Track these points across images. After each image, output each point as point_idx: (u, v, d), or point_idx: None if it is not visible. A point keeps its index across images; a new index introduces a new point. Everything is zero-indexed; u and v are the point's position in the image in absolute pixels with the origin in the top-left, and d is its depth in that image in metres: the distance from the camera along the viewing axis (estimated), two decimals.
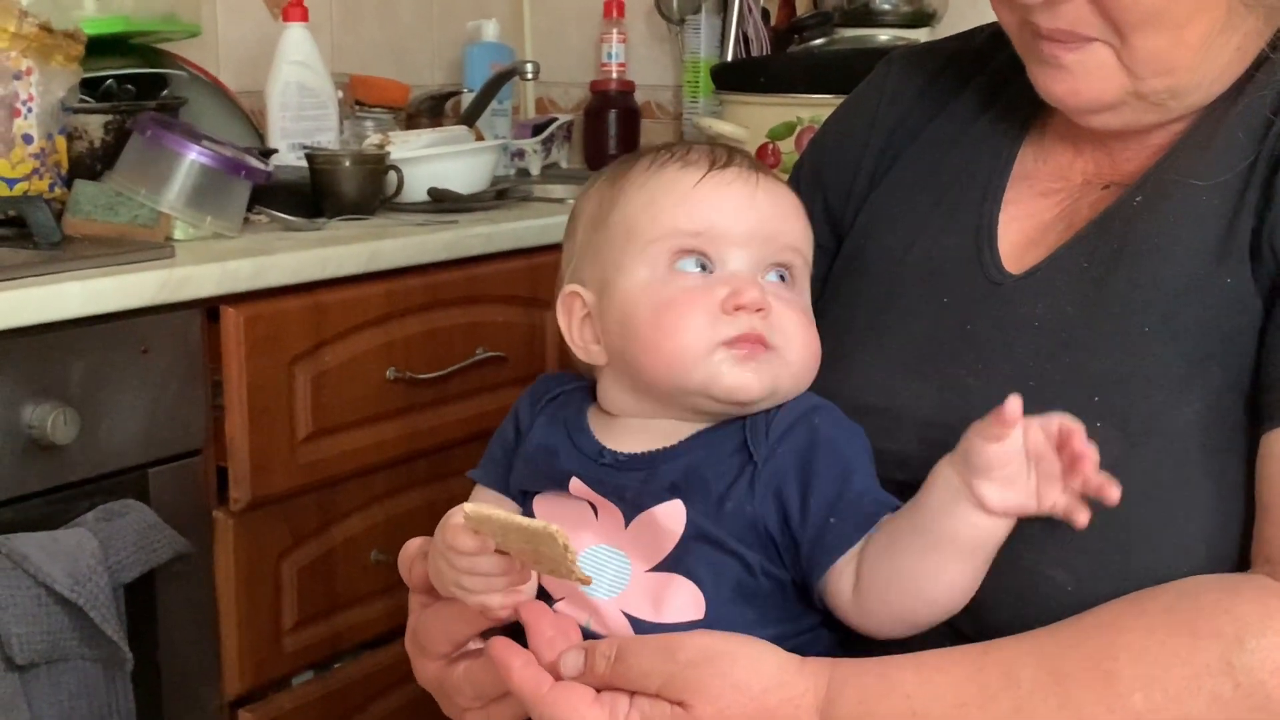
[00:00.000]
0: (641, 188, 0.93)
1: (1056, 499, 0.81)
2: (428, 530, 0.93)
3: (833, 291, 1.09)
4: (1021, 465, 0.81)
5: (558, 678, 0.85)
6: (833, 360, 1.02)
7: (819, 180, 1.13)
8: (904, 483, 0.92)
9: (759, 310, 0.89)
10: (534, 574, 0.86)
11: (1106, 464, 0.86)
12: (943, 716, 0.81)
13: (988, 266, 0.99)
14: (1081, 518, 0.81)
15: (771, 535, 0.87)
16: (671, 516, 0.88)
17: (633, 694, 0.84)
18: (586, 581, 0.81)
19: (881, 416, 0.96)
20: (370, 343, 1.75)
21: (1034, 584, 0.87)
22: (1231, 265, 0.89)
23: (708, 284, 0.89)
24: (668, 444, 0.91)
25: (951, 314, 0.98)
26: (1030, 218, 1.01)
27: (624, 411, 0.94)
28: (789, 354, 0.90)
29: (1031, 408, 0.89)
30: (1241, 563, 0.85)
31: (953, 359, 0.96)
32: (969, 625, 0.87)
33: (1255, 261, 0.88)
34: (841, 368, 1.00)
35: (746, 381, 0.88)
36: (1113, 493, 0.79)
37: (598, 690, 0.85)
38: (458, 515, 0.84)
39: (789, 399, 0.91)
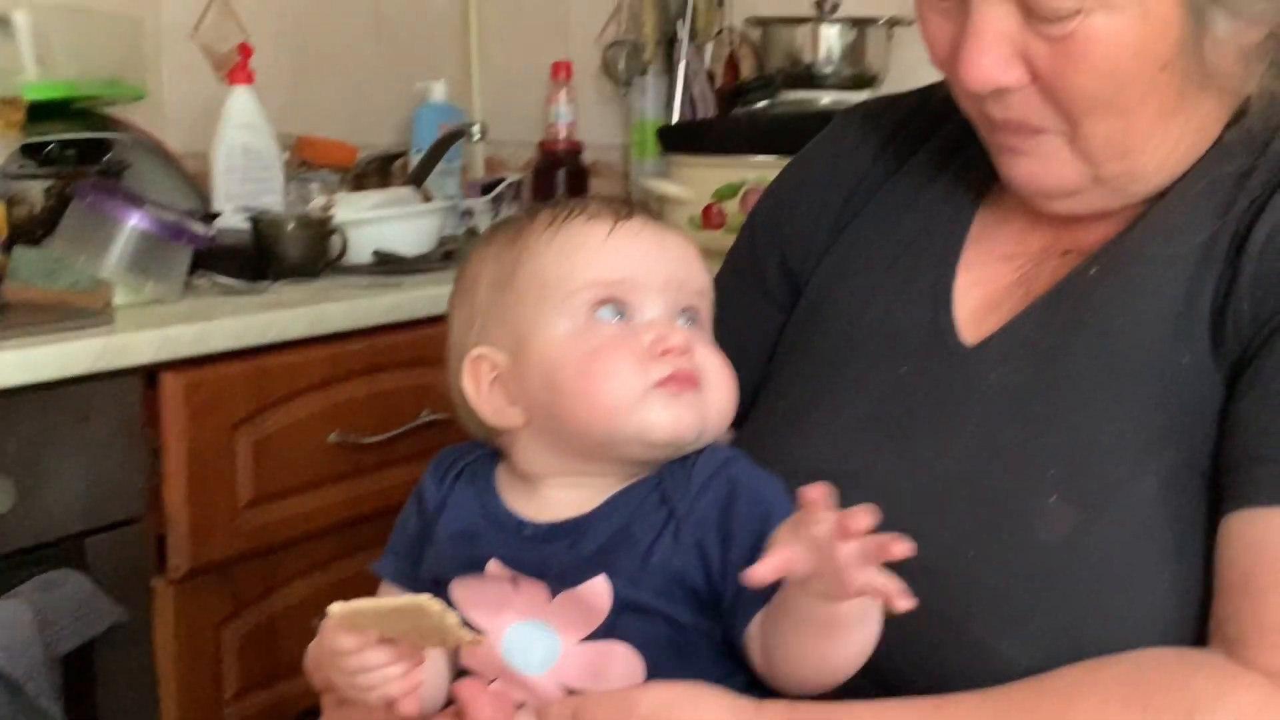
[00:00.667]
0: (550, 243, 0.92)
1: (864, 585, 0.76)
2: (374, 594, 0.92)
3: (788, 347, 1.08)
4: (828, 554, 0.76)
5: None
6: (786, 422, 1.01)
7: (777, 234, 1.11)
8: None
9: (685, 353, 0.89)
10: (437, 655, 0.85)
11: (1062, 537, 0.86)
12: None
13: (944, 333, 0.98)
14: (901, 604, 0.75)
15: (696, 589, 0.87)
16: (597, 594, 0.87)
17: None
18: (478, 643, 0.80)
19: (836, 483, 0.94)
20: (314, 407, 1.74)
21: (984, 658, 0.86)
22: (1190, 343, 0.88)
23: (631, 330, 0.90)
24: (587, 508, 0.90)
25: (907, 380, 0.98)
26: (989, 282, 1.00)
27: (545, 472, 0.92)
28: (713, 393, 0.90)
29: (988, 479, 0.89)
30: (1196, 641, 0.84)
31: (906, 428, 0.95)
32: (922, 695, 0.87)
33: (1216, 341, 0.88)
34: (796, 429, 1.00)
35: (681, 421, 0.88)
36: (901, 604, 0.75)
37: None
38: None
39: (713, 440, 0.91)
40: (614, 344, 0.89)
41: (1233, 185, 0.91)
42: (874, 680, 0.91)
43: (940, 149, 1.07)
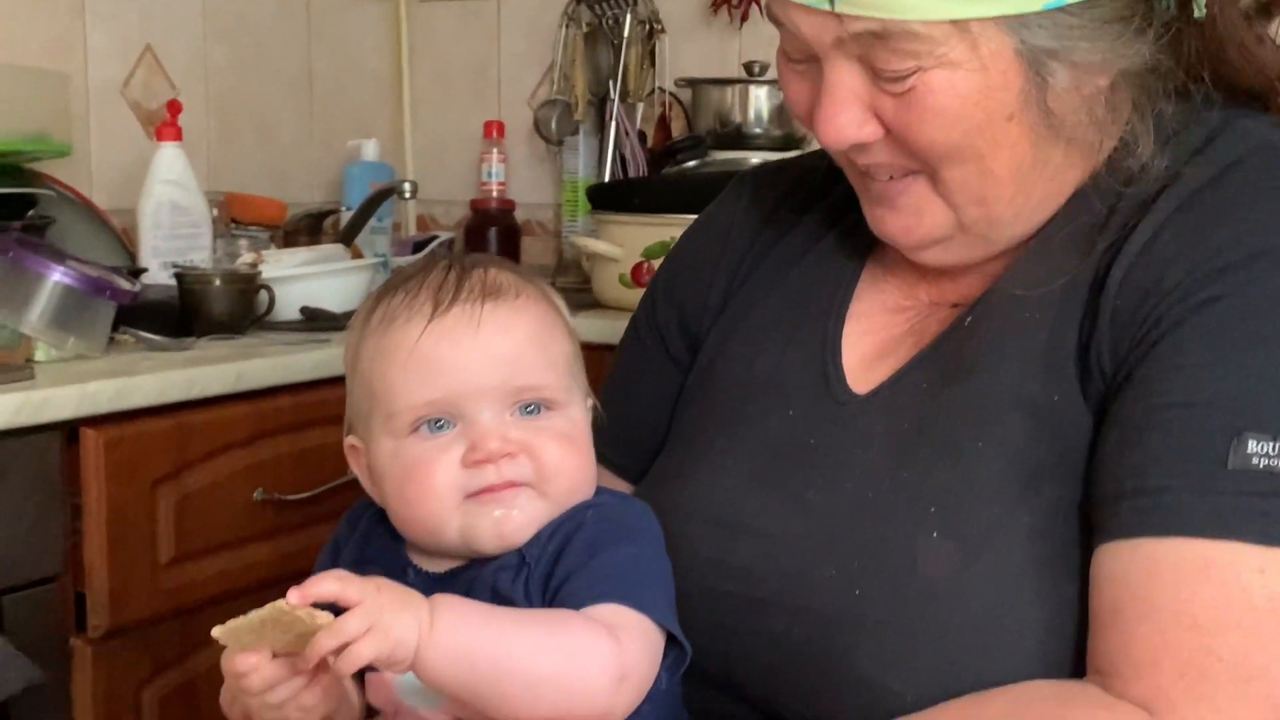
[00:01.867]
0: (374, 349, 0.94)
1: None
2: None
3: (685, 404, 1.10)
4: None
5: None
6: (680, 470, 1.04)
7: (674, 296, 1.15)
8: (744, 595, 0.94)
9: (504, 457, 0.90)
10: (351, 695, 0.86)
11: (944, 574, 0.88)
12: None
13: (832, 382, 1.01)
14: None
15: None
16: None
17: None
18: (331, 622, 0.80)
19: (726, 528, 0.97)
20: (237, 464, 1.73)
21: (873, 694, 0.88)
22: (1059, 382, 0.91)
23: (447, 443, 0.91)
24: (459, 563, 0.94)
25: (796, 429, 1.00)
26: (879, 331, 1.03)
27: (414, 542, 0.96)
28: (549, 486, 0.92)
29: (872, 521, 0.92)
30: (1074, 673, 0.87)
31: (795, 473, 0.98)
32: None
33: (1084, 378, 0.91)
34: (688, 478, 1.02)
35: (505, 524, 0.91)
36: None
37: None
38: None
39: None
40: (426, 461, 0.91)
41: (1092, 231, 0.94)
42: (763, 713, 0.93)
43: (830, 208, 1.10)
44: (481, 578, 0.91)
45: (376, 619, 0.80)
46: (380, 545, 0.97)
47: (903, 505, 0.92)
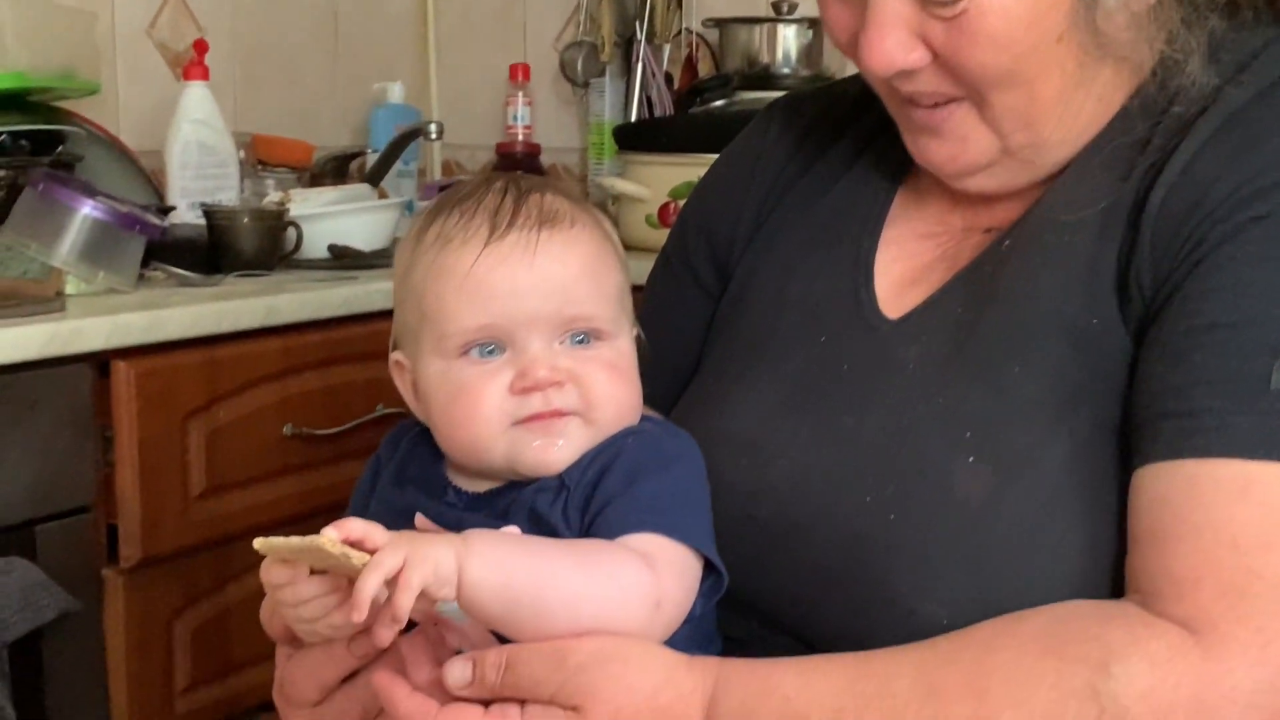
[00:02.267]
0: (428, 268, 0.93)
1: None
2: None
3: (716, 333, 1.10)
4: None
5: (442, 699, 0.85)
6: (711, 398, 1.03)
7: (704, 225, 1.14)
8: (776, 521, 0.94)
9: (552, 386, 0.90)
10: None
11: (980, 499, 0.88)
12: None
13: (864, 308, 1.00)
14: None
15: None
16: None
17: (523, 703, 0.84)
18: (365, 562, 0.80)
19: (759, 454, 0.97)
20: (267, 399, 1.74)
21: (908, 617, 0.87)
22: (1098, 306, 0.90)
23: (496, 369, 0.91)
24: (499, 483, 0.93)
25: (828, 354, 1.00)
26: (911, 258, 1.02)
27: (457, 463, 0.96)
28: (596, 414, 0.91)
29: (907, 445, 0.91)
30: (1111, 595, 0.86)
31: (828, 399, 0.97)
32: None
33: (1123, 301, 0.90)
34: (719, 405, 1.02)
35: (549, 452, 0.90)
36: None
37: (487, 704, 0.84)
38: None
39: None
40: (476, 386, 0.90)
41: (1133, 152, 0.93)
42: (798, 638, 0.93)
43: (860, 135, 1.09)
44: (520, 500, 0.91)
45: (410, 550, 0.80)
46: (420, 466, 0.97)
47: (938, 430, 0.91)
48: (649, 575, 0.86)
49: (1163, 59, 0.92)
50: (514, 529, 0.89)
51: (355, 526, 0.81)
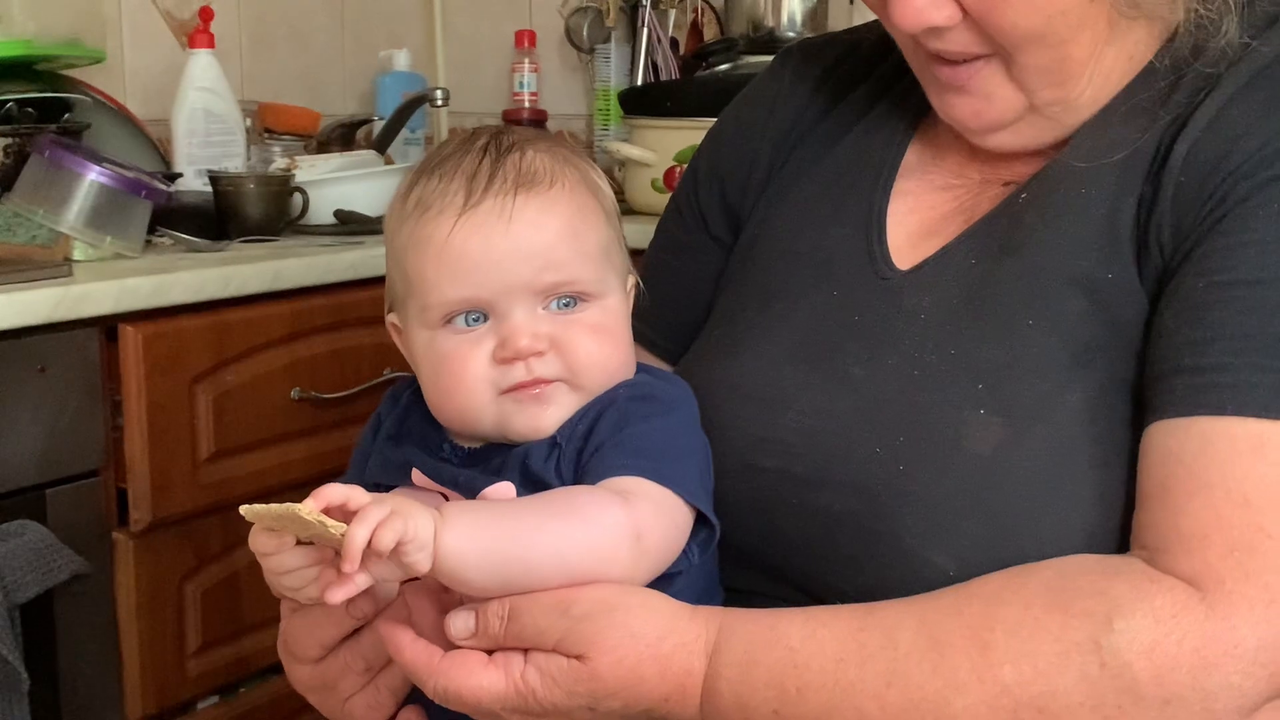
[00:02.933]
0: (409, 237, 0.93)
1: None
2: None
3: (728, 280, 1.09)
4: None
5: (447, 647, 0.85)
6: (720, 347, 1.03)
7: (716, 172, 1.13)
8: (785, 470, 0.94)
9: (533, 355, 0.90)
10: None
11: (990, 449, 0.87)
12: (821, 670, 0.82)
13: (876, 259, 1.00)
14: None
15: None
16: (504, 493, 0.89)
17: (527, 651, 0.85)
18: (343, 532, 0.80)
19: (768, 404, 0.97)
20: (274, 363, 1.75)
21: (915, 568, 0.88)
22: (1114, 259, 0.90)
23: (479, 337, 0.91)
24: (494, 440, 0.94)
25: (839, 304, 0.99)
26: (926, 210, 1.02)
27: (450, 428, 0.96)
28: (581, 379, 0.91)
29: (918, 396, 0.91)
30: (1118, 550, 0.86)
31: (839, 349, 0.97)
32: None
33: (1141, 255, 0.89)
34: (728, 354, 1.01)
35: (538, 418, 0.91)
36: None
37: (490, 652, 0.85)
38: None
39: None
40: (459, 355, 0.91)
41: (1154, 105, 0.92)
42: (803, 590, 0.93)
43: (879, 82, 1.08)
44: (513, 456, 0.92)
45: (394, 506, 0.80)
46: (418, 422, 0.98)
47: (949, 380, 0.91)
48: (623, 510, 0.86)
49: (1197, 16, 0.91)
50: (507, 485, 0.89)
51: (334, 493, 0.80)
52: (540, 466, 0.90)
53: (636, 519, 0.86)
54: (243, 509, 0.82)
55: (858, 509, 0.90)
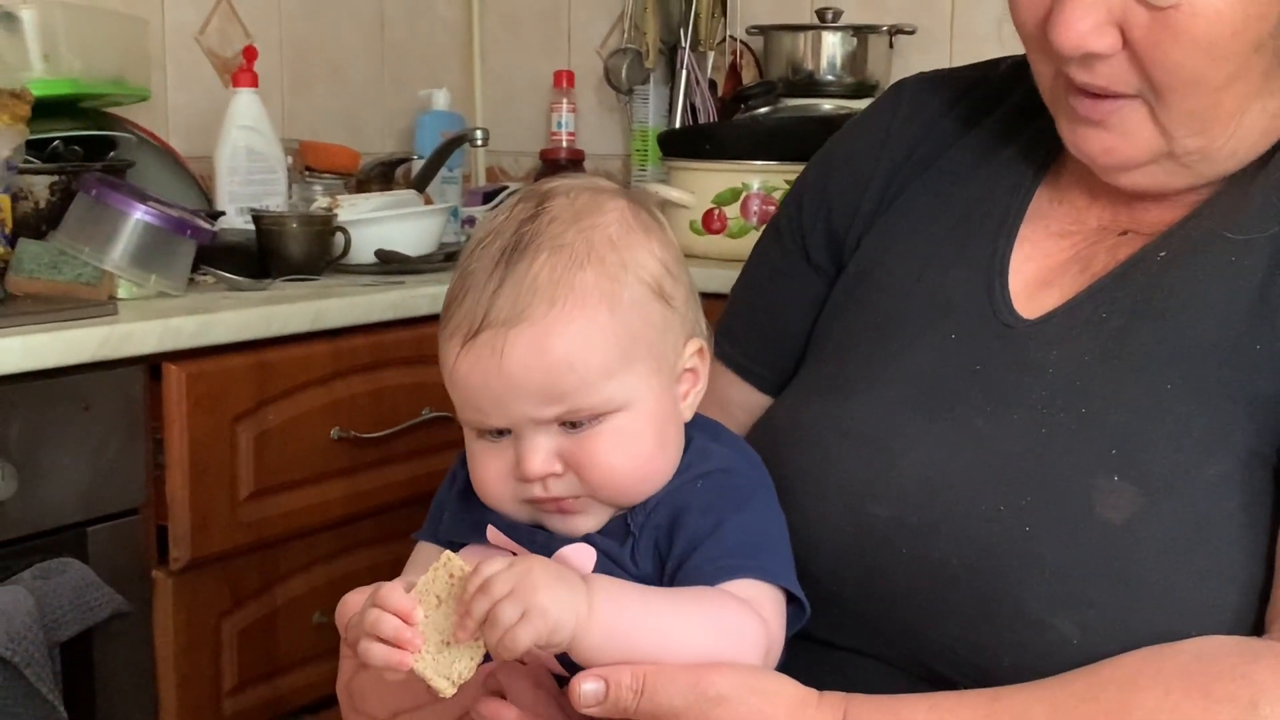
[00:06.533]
0: (439, 342, 0.91)
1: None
2: None
3: (835, 312, 1.07)
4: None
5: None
6: (832, 385, 1.01)
7: (824, 198, 1.11)
8: (896, 519, 0.91)
9: (551, 475, 0.88)
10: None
11: (1124, 518, 0.85)
12: None
13: (998, 305, 0.98)
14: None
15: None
16: (581, 555, 0.88)
17: None
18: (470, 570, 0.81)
19: (882, 450, 0.94)
20: (315, 402, 1.75)
21: (1039, 634, 0.86)
22: (1263, 332, 0.88)
23: (502, 449, 0.89)
24: None
25: (959, 352, 0.97)
26: (1045, 257, 0.99)
27: None
28: (603, 494, 0.88)
29: (1046, 455, 0.89)
30: (1255, 631, 0.84)
31: (961, 398, 0.94)
32: (972, 671, 0.87)
33: None
34: (840, 394, 0.99)
35: (568, 529, 0.90)
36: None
37: None
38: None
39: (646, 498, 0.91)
40: (486, 464, 0.90)
41: None
42: (892, 644, 0.91)
43: (1004, 122, 1.06)
44: (587, 536, 0.90)
45: (530, 601, 0.78)
46: None
47: (1080, 442, 0.88)
48: (760, 625, 0.85)
49: None
50: (588, 549, 0.88)
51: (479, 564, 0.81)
52: (616, 550, 0.89)
53: (770, 636, 0.86)
54: (446, 554, 0.83)
55: (977, 565, 0.88)
